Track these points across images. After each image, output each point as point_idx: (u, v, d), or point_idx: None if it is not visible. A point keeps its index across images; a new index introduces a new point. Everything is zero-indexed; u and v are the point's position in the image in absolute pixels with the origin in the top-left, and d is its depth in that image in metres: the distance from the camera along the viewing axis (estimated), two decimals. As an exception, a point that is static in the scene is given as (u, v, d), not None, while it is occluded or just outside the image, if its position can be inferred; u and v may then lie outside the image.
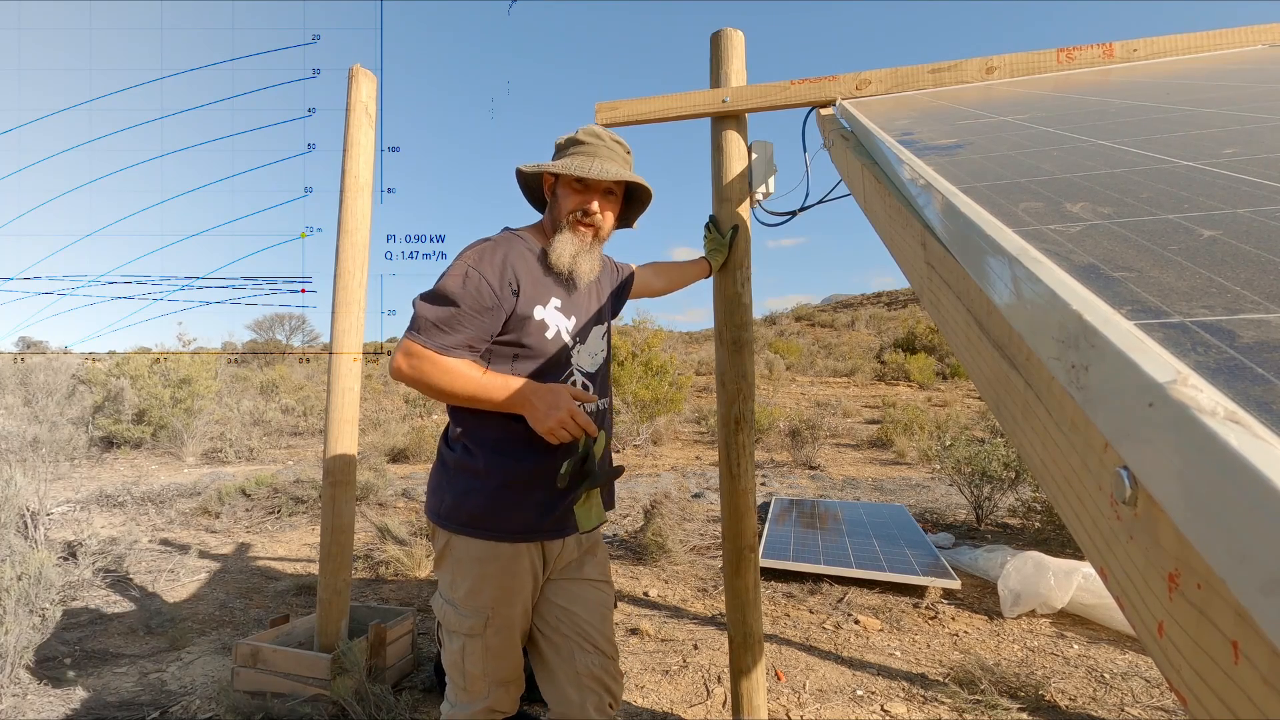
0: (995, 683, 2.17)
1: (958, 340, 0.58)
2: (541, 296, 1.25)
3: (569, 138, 1.33)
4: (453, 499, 1.25)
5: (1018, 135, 0.90)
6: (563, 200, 1.29)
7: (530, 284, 1.23)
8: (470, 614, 1.23)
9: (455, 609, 1.25)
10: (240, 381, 12.49)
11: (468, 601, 1.24)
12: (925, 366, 14.46)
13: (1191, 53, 1.55)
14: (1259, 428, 0.23)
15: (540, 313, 1.24)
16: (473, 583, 1.23)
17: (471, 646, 1.25)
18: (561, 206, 1.29)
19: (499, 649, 1.26)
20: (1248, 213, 0.47)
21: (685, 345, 22.86)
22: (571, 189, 1.29)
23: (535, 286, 1.24)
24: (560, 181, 1.30)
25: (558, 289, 1.29)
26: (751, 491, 1.76)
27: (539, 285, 1.25)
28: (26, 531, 3.12)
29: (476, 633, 1.24)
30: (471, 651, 1.25)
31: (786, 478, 6.39)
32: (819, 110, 1.70)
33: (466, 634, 1.24)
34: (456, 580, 1.25)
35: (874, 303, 37.65)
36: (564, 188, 1.30)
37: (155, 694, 2.17)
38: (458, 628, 1.25)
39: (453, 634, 1.26)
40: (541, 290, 1.25)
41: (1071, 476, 0.37)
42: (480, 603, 1.23)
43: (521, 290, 1.21)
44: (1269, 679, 0.22)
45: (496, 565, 1.23)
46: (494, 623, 1.24)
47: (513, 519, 1.23)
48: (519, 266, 1.23)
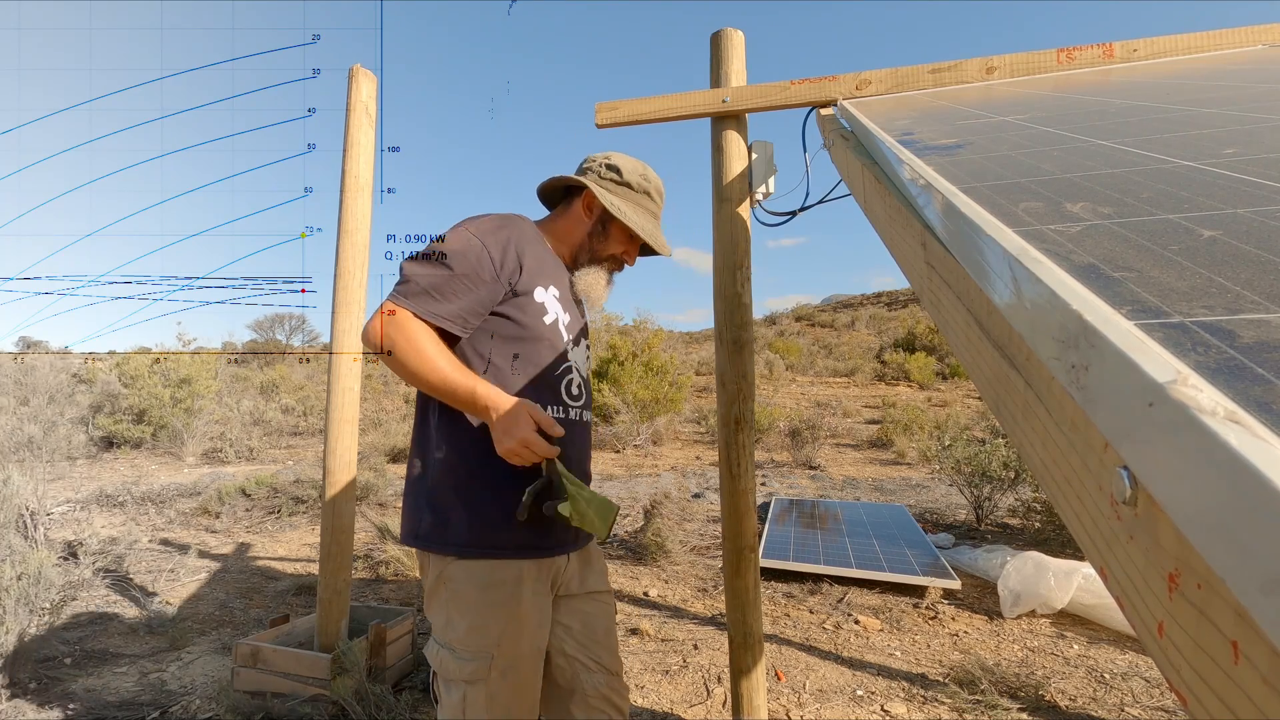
0: (995, 683, 2.17)
1: (958, 340, 0.58)
2: (544, 280, 1.19)
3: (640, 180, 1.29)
4: (434, 516, 1.09)
5: (1018, 135, 0.90)
6: (614, 241, 1.28)
7: (535, 263, 1.17)
8: (471, 656, 1.06)
9: (453, 654, 1.07)
10: (240, 381, 12.49)
11: (468, 641, 1.06)
12: (925, 366, 14.46)
13: (1191, 53, 1.55)
14: (1259, 428, 0.23)
15: (541, 295, 1.17)
16: (474, 617, 1.06)
17: (474, 696, 1.06)
18: (609, 245, 1.28)
19: (508, 699, 1.07)
20: (1248, 213, 0.47)
21: (685, 345, 22.86)
22: (626, 235, 1.28)
23: (539, 267, 1.19)
24: (614, 223, 1.27)
25: (557, 280, 1.23)
26: (751, 491, 1.76)
27: (542, 268, 1.20)
28: (26, 531, 3.12)
29: (479, 678, 1.05)
30: (474, 702, 1.06)
31: (786, 478, 6.39)
32: (819, 110, 1.70)
33: (467, 680, 1.06)
34: (454, 618, 1.08)
35: (874, 303, 37.66)
36: (618, 229, 1.27)
37: (155, 694, 2.17)
38: (456, 674, 1.06)
39: (451, 684, 1.07)
40: (544, 274, 1.20)
41: (1071, 476, 0.37)
42: (483, 642, 1.06)
43: (525, 267, 1.14)
44: (1269, 679, 0.22)
45: (502, 592, 1.07)
46: (499, 664, 1.06)
47: (515, 532, 1.08)
48: (524, 247, 1.16)
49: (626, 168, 1.28)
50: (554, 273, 1.23)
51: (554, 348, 1.19)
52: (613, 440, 8.14)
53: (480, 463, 1.09)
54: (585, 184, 1.25)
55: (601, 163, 1.29)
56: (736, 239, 1.75)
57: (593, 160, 1.31)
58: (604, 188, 1.26)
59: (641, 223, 1.27)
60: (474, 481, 1.10)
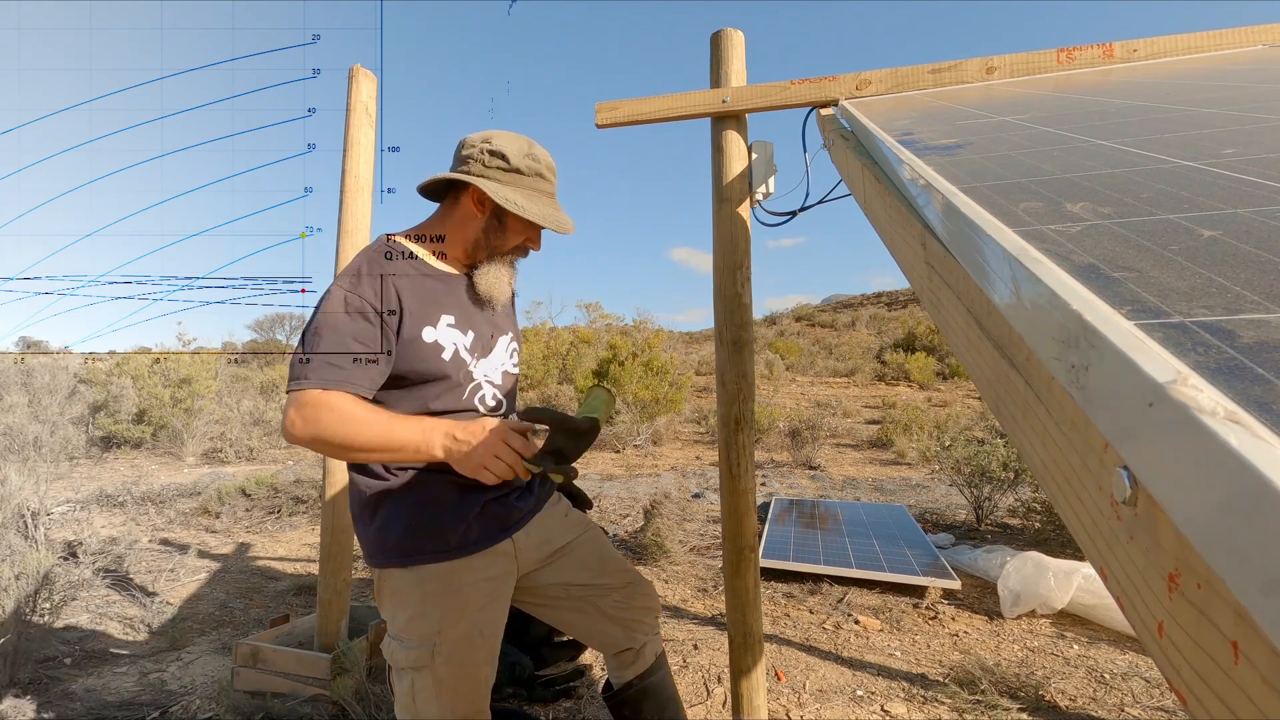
0: (995, 683, 2.17)
1: (958, 340, 0.58)
2: (430, 315, 1.12)
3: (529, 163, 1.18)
4: (374, 533, 1.12)
5: (1018, 135, 0.90)
6: (511, 234, 1.19)
7: (416, 303, 1.11)
8: (415, 644, 1.08)
9: (400, 643, 1.10)
10: (240, 381, 12.49)
11: (410, 629, 1.09)
12: (925, 366, 14.46)
13: (1191, 53, 1.55)
14: (1259, 428, 0.23)
15: (431, 334, 1.11)
16: (414, 609, 1.10)
17: (421, 682, 1.09)
18: (507, 239, 1.19)
19: (453, 681, 1.10)
20: (1248, 213, 0.47)
21: (685, 345, 22.87)
22: (523, 225, 1.19)
23: (422, 305, 1.11)
24: (510, 214, 1.17)
25: (449, 304, 1.16)
26: (751, 491, 1.76)
27: (427, 303, 1.12)
28: (26, 531, 3.12)
29: (423, 664, 1.08)
30: (422, 688, 1.09)
31: (786, 478, 6.39)
32: (819, 110, 1.70)
33: (413, 667, 1.09)
34: (397, 611, 1.11)
35: (874, 303, 37.66)
36: (515, 221, 1.18)
37: (155, 694, 2.17)
38: (404, 662, 1.10)
39: (401, 672, 1.11)
40: (431, 309, 1.13)
41: (1071, 476, 0.37)
42: (424, 629, 1.08)
43: (406, 311, 1.09)
44: (1269, 679, 0.22)
45: (438, 584, 1.10)
46: (442, 649, 1.08)
47: (446, 537, 1.11)
48: (401, 285, 1.10)
49: (511, 151, 1.17)
50: (445, 299, 1.16)
51: (458, 380, 1.15)
52: (613, 440, 8.14)
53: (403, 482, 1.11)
54: (472, 182, 1.15)
55: (483, 149, 1.17)
56: (736, 239, 1.75)
57: (471, 147, 1.18)
58: (492, 179, 1.16)
59: (540, 211, 1.17)
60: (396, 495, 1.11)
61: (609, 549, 1.37)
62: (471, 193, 1.17)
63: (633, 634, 1.34)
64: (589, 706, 2.10)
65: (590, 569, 1.31)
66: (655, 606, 1.38)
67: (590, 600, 1.30)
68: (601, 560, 1.33)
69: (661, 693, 1.37)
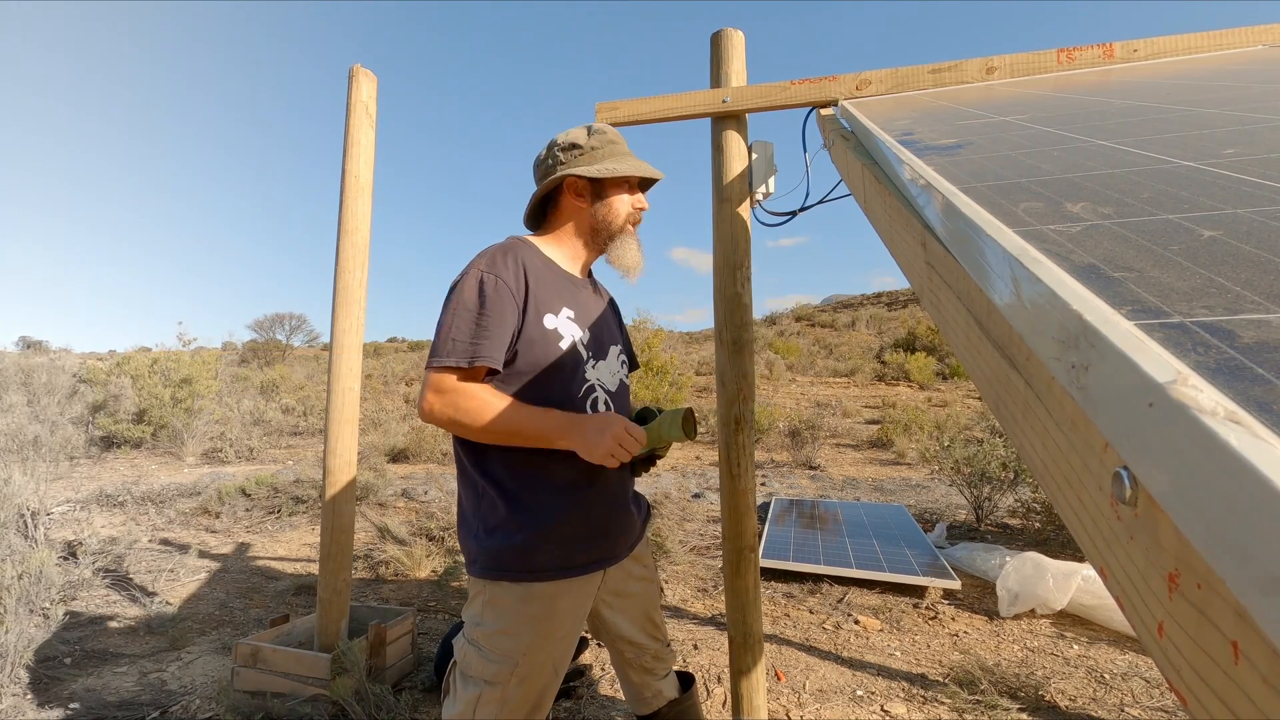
0: (995, 683, 2.17)
1: (958, 340, 0.58)
2: (553, 305, 1.17)
3: (598, 139, 1.25)
4: (478, 545, 1.13)
5: (1018, 135, 0.90)
6: (617, 204, 1.25)
7: (541, 288, 1.16)
8: (497, 659, 1.09)
9: (479, 651, 1.10)
10: (240, 381, 12.48)
11: (495, 642, 1.09)
12: (925, 366, 14.44)
13: (1191, 53, 1.55)
14: (1259, 428, 0.23)
15: (551, 321, 1.15)
16: (507, 623, 1.10)
17: (489, 696, 1.09)
18: (616, 210, 1.25)
19: (519, 704, 1.10)
20: (1248, 213, 0.47)
21: (685, 345, 22.84)
22: (623, 187, 1.25)
23: (547, 292, 1.16)
24: (608, 185, 1.24)
25: (571, 299, 1.21)
26: (751, 491, 1.76)
27: (551, 292, 1.17)
28: (26, 531, 3.12)
29: (499, 681, 1.09)
30: (487, 702, 1.09)
31: (786, 478, 6.38)
32: (819, 110, 1.69)
33: (488, 680, 1.09)
34: (487, 618, 1.11)
35: (874, 303, 37.64)
36: (615, 190, 1.24)
37: (155, 694, 2.17)
38: (479, 673, 1.09)
39: (469, 680, 1.10)
40: (553, 298, 1.17)
41: (1071, 476, 0.37)
42: (511, 646, 1.09)
43: (531, 294, 1.13)
44: (1269, 679, 0.22)
45: (538, 606, 1.11)
46: (520, 672, 1.09)
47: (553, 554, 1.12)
48: (530, 270, 1.15)
49: (578, 137, 1.25)
50: (566, 293, 1.21)
51: (573, 372, 1.18)
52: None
53: (515, 492, 1.12)
54: (563, 177, 1.22)
55: (555, 152, 1.26)
56: (736, 239, 1.75)
57: (546, 156, 1.27)
58: (579, 166, 1.23)
59: (630, 166, 1.24)
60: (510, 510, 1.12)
61: (658, 610, 1.38)
62: (567, 187, 1.25)
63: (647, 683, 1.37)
64: (589, 706, 2.10)
65: (636, 624, 1.32)
66: (671, 664, 1.41)
67: (622, 653, 1.34)
68: (647, 619, 1.34)
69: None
